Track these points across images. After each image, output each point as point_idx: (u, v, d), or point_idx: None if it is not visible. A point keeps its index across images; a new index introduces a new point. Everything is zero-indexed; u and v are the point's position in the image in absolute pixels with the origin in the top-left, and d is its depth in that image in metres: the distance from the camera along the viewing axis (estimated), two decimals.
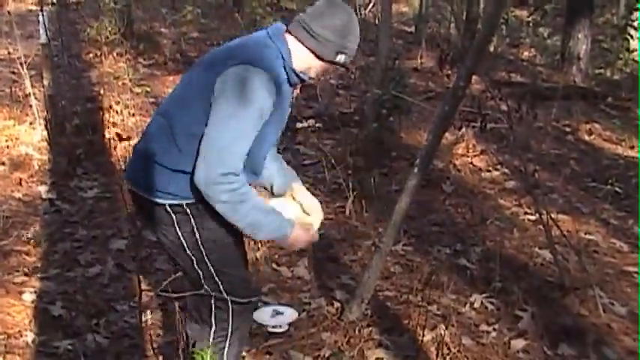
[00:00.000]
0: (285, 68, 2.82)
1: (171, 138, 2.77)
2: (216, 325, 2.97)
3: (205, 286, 2.92)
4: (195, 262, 2.89)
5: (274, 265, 4.81)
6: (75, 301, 4.24)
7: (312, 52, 2.85)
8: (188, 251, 2.87)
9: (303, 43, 2.84)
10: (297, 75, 2.87)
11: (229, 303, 2.94)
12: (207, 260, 2.88)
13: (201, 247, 2.86)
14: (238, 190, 2.67)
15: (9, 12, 9.01)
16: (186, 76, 2.98)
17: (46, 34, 6.72)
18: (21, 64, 7.13)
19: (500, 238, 5.28)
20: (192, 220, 2.83)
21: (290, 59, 2.83)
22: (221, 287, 2.92)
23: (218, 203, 2.67)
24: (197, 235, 2.85)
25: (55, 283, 4.45)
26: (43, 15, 6.73)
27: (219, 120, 2.66)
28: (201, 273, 2.90)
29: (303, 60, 2.86)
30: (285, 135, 6.51)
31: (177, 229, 2.85)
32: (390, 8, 7.08)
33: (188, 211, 2.82)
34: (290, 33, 2.87)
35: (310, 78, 2.94)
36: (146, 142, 2.90)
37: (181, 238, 2.85)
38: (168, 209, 2.82)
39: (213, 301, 2.93)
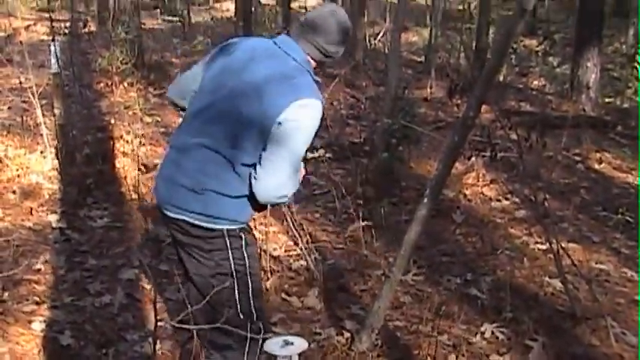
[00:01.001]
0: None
1: (233, 171, 2.88)
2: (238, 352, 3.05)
3: (240, 311, 3.01)
4: (237, 286, 2.99)
5: (284, 295, 4.79)
6: (84, 330, 4.23)
7: (320, 62, 3.05)
8: (235, 275, 2.98)
9: (313, 58, 3.01)
10: (316, 80, 3.01)
11: (260, 331, 3.04)
12: (249, 286, 3.02)
13: (247, 271, 3.00)
14: (290, 192, 2.97)
15: (21, 42, 9.11)
16: (216, 106, 2.96)
17: (58, 64, 6.76)
18: (32, 93, 7.17)
19: (511, 267, 5.25)
20: (244, 245, 2.98)
21: (312, 71, 3.00)
22: (254, 313, 3.04)
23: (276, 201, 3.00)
24: (246, 260, 2.99)
25: (65, 313, 4.43)
26: (54, 45, 6.77)
27: (289, 150, 2.85)
28: (238, 297, 3.00)
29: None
30: None
31: (230, 252, 2.96)
32: (399, 38, 7.10)
33: (242, 235, 2.97)
34: (304, 50, 2.98)
35: None
36: (195, 174, 2.92)
37: (231, 262, 2.96)
38: (225, 233, 2.93)
39: (237, 330, 2.95)
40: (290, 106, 2.78)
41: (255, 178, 2.85)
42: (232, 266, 2.96)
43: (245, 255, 2.98)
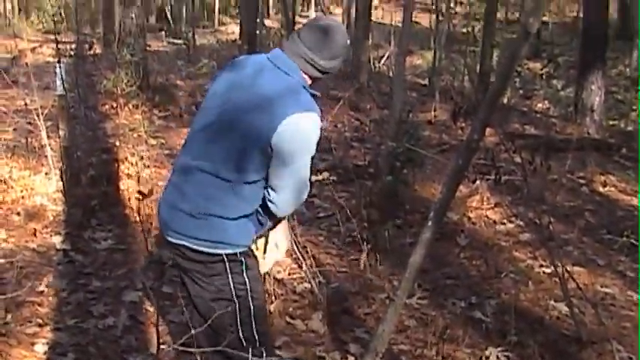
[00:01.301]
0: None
1: (232, 192, 2.86)
2: None
3: (242, 336, 2.98)
4: (239, 311, 2.95)
5: (288, 318, 4.78)
6: (87, 352, 4.21)
7: (315, 79, 3.02)
8: (236, 299, 2.94)
9: (307, 74, 2.98)
10: (313, 94, 2.98)
11: (262, 355, 3.01)
12: (251, 309, 2.97)
13: (249, 295, 2.96)
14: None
15: (27, 63, 9.13)
16: (212, 128, 2.94)
17: (63, 86, 6.79)
18: (37, 115, 7.18)
19: (516, 290, 5.23)
20: (244, 269, 2.94)
21: (308, 87, 2.97)
22: (257, 338, 3.01)
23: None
24: (247, 284, 2.95)
25: (68, 335, 4.42)
26: (60, 67, 6.80)
27: (295, 167, 2.86)
28: (240, 322, 2.97)
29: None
30: None
31: (231, 277, 2.93)
32: (404, 61, 7.12)
33: (242, 259, 2.94)
34: (298, 67, 2.96)
35: None
36: (195, 198, 2.91)
37: (232, 287, 2.93)
38: (225, 258, 2.90)
39: (239, 354, 2.94)
40: (292, 116, 2.78)
41: (272, 202, 2.92)
42: (233, 291, 2.93)
43: (246, 279, 2.95)
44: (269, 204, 2.92)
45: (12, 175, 6.98)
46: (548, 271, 5.58)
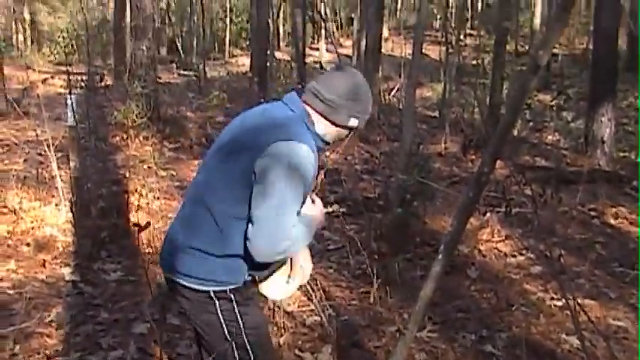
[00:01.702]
0: (312, 137, 2.86)
1: (214, 225, 2.79)
2: None
3: None
4: (235, 349, 2.89)
5: (297, 352, 4.75)
6: None
7: (327, 118, 2.91)
8: (229, 337, 2.87)
9: (316, 110, 2.90)
10: (322, 140, 2.93)
11: None
12: (248, 346, 2.90)
13: (243, 333, 2.88)
14: (290, 239, 2.75)
15: (38, 95, 9.19)
16: (212, 161, 2.96)
17: (74, 117, 6.82)
18: (48, 145, 7.22)
19: (527, 324, 5.19)
20: (235, 306, 2.86)
21: (314, 127, 2.89)
22: None
23: (278, 256, 2.79)
24: (240, 322, 2.87)
25: None
26: (71, 98, 6.84)
27: (272, 197, 2.68)
28: (238, 359, 2.91)
29: (320, 126, 2.92)
30: None
31: (221, 316, 2.85)
32: (414, 93, 7.13)
33: (232, 297, 2.85)
34: (305, 102, 2.92)
35: (330, 142, 3.00)
36: (184, 232, 2.89)
37: (223, 325, 2.86)
38: (212, 296, 2.84)
39: None
40: (277, 143, 2.71)
41: (248, 238, 2.72)
42: (225, 329, 2.87)
43: (238, 315, 2.87)
44: (247, 241, 2.74)
45: (22, 206, 7.01)
46: (559, 304, 5.54)
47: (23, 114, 9.38)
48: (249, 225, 2.71)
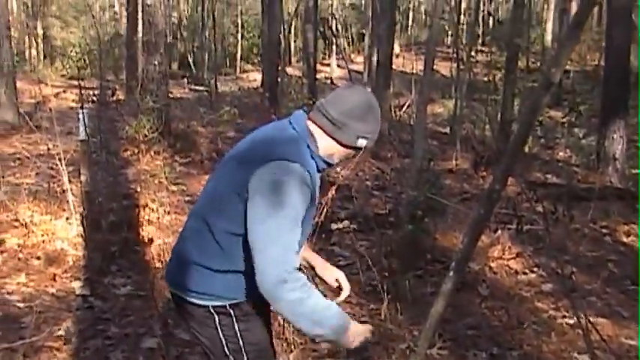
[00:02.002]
0: (313, 157, 2.80)
1: (212, 239, 2.76)
2: None
3: None
4: None
5: None
6: None
7: (333, 138, 2.84)
8: (229, 353, 2.84)
9: (323, 130, 2.83)
10: (325, 161, 2.85)
11: None
12: None
13: (242, 349, 2.84)
14: (305, 285, 2.61)
15: (50, 109, 9.22)
16: (215, 175, 2.95)
17: (86, 131, 6.84)
18: (60, 159, 7.24)
19: (538, 342, 5.16)
20: (234, 322, 2.81)
21: (316, 147, 2.81)
22: None
23: (283, 302, 2.57)
24: (239, 337, 2.82)
25: None
26: (83, 112, 6.87)
27: (267, 219, 2.59)
28: None
29: (326, 146, 2.84)
30: (320, 236, 6.49)
31: (220, 331, 2.82)
32: (425, 109, 7.13)
33: (231, 312, 2.80)
34: (312, 120, 2.86)
35: (335, 163, 2.92)
36: (185, 245, 2.88)
37: (223, 341, 2.82)
38: (212, 310, 2.80)
39: None
40: (265, 165, 2.65)
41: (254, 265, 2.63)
42: (225, 346, 2.83)
43: (237, 332, 2.82)
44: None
45: (33, 220, 7.02)
46: (571, 322, 5.50)
47: (35, 128, 9.41)
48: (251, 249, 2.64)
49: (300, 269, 2.65)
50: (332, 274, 3.17)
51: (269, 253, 2.58)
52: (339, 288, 3.15)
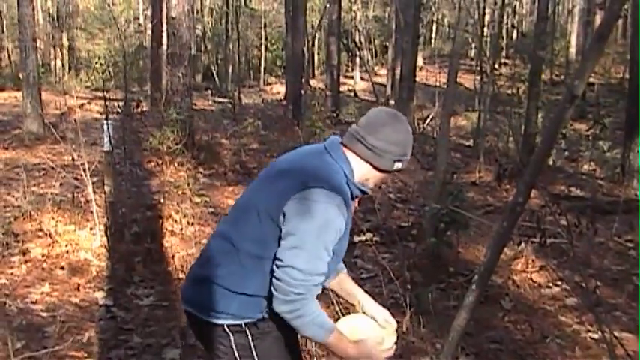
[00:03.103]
0: (348, 184, 2.81)
1: (237, 261, 2.77)
2: None
3: None
4: None
5: None
6: None
7: (371, 164, 2.85)
8: None
9: (361, 157, 2.84)
10: (359, 188, 2.86)
11: None
12: None
13: None
14: (314, 312, 2.70)
15: (75, 120, 9.27)
16: (245, 198, 2.94)
17: (110, 142, 6.88)
18: (84, 170, 7.29)
19: (562, 356, 5.12)
20: (250, 340, 2.80)
21: (352, 174, 2.83)
22: None
23: (291, 316, 2.68)
24: (255, 356, 2.81)
25: None
26: (107, 123, 6.90)
27: (298, 245, 2.64)
28: None
29: (362, 173, 2.86)
30: None
31: (235, 350, 2.80)
32: (448, 122, 7.12)
33: (247, 330, 2.79)
34: (346, 147, 2.87)
35: (369, 188, 2.93)
36: (206, 265, 2.87)
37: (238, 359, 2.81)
38: (227, 329, 2.79)
39: None
40: (302, 192, 2.68)
41: (271, 280, 2.71)
42: None
43: (253, 352, 2.81)
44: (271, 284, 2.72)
45: (57, 230, 7.07)
46: (595, 336, 5.46)
47: (60, 138, 9.47)
48: (274, 267, 2.69)
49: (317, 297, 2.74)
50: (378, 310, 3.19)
51: (293, 275, 2.63)
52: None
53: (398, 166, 2.89)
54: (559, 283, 6.72)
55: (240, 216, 2.86)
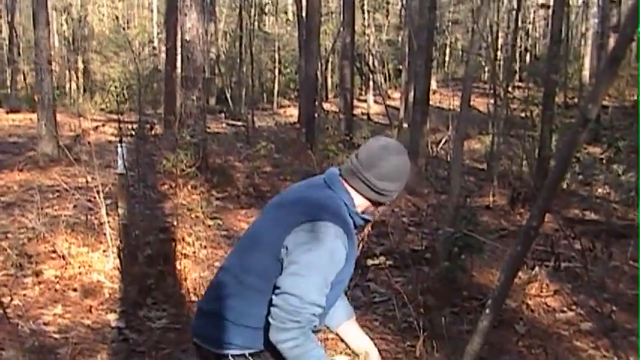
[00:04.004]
0: (350, 215, 2.83)
1: (242, 295, 2.79)
2: None
3: None
4: None
5: None
6: None
7: (371, 200, 2.90)
8: None
9: (361, 194, 2.87)
10: (362, 218, 2.89)
11: None
12: None
13: None
14: (311, 341, 2.70)
15: (89, 142, 9.30)
16: (250, 231, 2.98)
17: (124, 165, 6.90)
18: (98, 192, 7.31)
19: None
20: None
21: (353, 206, 2.86)
22: None
23: (283, 345, 2.67)
24: None
25: None
26: (121, 146, 6.93)
27: (300, 274, 2.65)
28: None
29: (362, 204, 2.90)
30: (356, 272, 6.46)
31: None
32: (461, 145, 7.11)
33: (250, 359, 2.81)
34: (347, 182, 2.88)
35: (372, 219, 2.98)
36: (215, 299, 2.89)
37: None
38: (230, 359, 2.80)
39: None
40: (303, 224, 2.70)
41: (269, 309, 2.71)
42: None
43: None
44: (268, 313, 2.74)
45: (70, 251, 7.08)
46: None
47: (74, 160, 9.50)
48: (273, 296, 2.70)
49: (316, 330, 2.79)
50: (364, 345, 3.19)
51: (291, 302, 2.64)
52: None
53: (395, 195, 2.94)
54: (574, 307, 6.67)
55: (245, 250, 2.89)
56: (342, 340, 3.27)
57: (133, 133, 11.39)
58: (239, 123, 21.75)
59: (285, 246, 2.69)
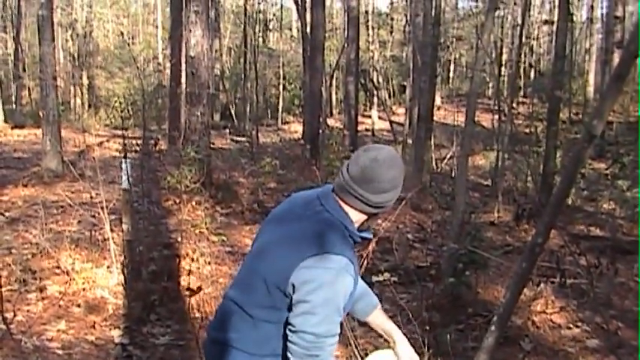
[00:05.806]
0: (350, 236, 2.80)
1: (251, 325, 2.78)
2: None
3: None
4: None
5: None
6: None
7: (368, 215, 2.86)
8: None
9: (361, 211, 2.83)
10: (361, 236, 2.85)
11: None
12: None
13: None
14: None
15: (94, 157, 9.30)
16: (250, 263, 2.93)
17: (128, 181, 6.89)
18: (102, 208, 7.30)
19: None
20: None
21: (351, 224, 2.81)
22: None
23: None
24: None
25: None
26: (126, 162, 6.93)
27: (312, 310, 2.63)
28: None
29: (359, 219, 2.86)
30: None
31: None
32: (466, 161, 7.10)
33: None
34: (342, 200, 2.83)
35: (371, 237, 2.94)
36: (225, 328, 2.87)
37: None
38: None
39: None
40: (307, 259, 2.65)
41: (287, 346, 2.72)
42: None
43: None
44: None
45: (74, 267, 7.07)
46: None
47: (79, 176, 9.50)
48: (288, 332, 2.70)
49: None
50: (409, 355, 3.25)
51: (307, 339, 2.64)
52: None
53: (392, 203, 2.88)
54: (579, 324, 6.64)
55: (248, 283, 2.85)
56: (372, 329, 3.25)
57: (138, 148, 11.41)
58: (243, 139, 21.73)
59: (292, 284, 2.67)
